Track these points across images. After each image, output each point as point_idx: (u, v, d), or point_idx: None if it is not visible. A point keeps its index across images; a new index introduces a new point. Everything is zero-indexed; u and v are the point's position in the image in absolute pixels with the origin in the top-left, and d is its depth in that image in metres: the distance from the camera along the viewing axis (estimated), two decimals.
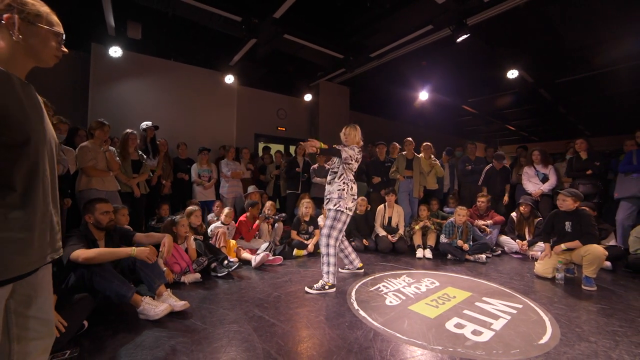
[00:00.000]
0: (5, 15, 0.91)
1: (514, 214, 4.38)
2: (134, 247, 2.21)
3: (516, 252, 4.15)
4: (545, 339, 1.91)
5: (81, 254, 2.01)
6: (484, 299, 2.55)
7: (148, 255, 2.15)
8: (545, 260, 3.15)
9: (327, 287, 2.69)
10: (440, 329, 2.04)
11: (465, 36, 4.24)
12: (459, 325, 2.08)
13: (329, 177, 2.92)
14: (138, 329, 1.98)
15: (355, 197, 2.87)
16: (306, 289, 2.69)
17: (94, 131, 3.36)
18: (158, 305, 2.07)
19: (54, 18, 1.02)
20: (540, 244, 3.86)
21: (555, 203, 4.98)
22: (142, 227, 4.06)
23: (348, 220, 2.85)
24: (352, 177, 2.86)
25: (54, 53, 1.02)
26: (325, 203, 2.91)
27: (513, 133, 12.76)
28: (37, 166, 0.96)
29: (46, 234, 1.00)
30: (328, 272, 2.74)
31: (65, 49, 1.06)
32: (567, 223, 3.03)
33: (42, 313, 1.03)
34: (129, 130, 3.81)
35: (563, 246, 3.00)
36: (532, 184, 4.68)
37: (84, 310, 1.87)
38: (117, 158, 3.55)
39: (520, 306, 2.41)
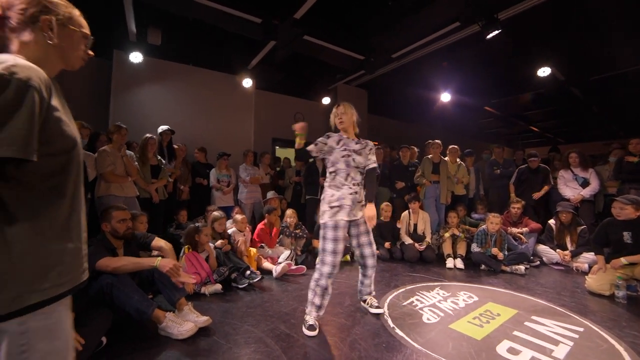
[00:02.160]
0: (43, 17, 0.86)
1: (552, 222, 4.05)
2: (158, 258, 2.08)
3: (557, 263, 3.82)
4: None
5: (110, 263, 1.96)
6: (534, 318, 2.28)
7: (170, 270, 2.00)
8: (600, 274, 2.82)
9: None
10: (491, 353, 1.80)
11: (496, 32, 3.99)
12: (512, 351, 1.83)
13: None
14: (158, 346, 1.83)
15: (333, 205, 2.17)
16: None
17: (112, 135, 3.32)
18: (182, 324, 1.93)
19: (84, 21, 0.97)
20: (586, 255, 3.53)
21: (597, 210, 4.64)
22: (160, 234, 3.98)
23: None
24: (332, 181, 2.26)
25: (82, 56, 0.98)
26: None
27: (537, 135, 12.22)
28: (79, 176, 0.92)
29: (83, 245, 0.96)
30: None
31: (91, 52, 1.01)
32: (625, 234, 2.72)
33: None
34: (148, 135, 3.75)
35: (624, 260, 2.67)
36: (570, 189, 4.35)
37: (102, 326, 1.75)
38: (136, 163, 3.48)
39: (581, 329, 2.12)
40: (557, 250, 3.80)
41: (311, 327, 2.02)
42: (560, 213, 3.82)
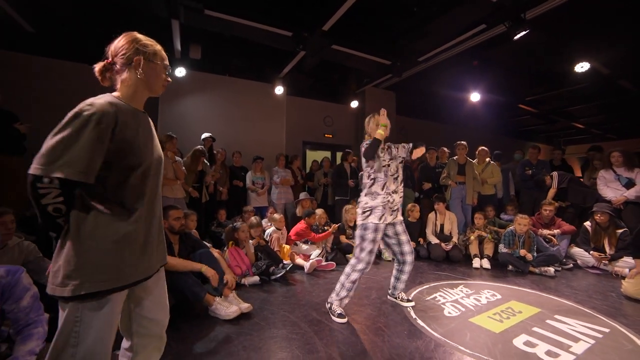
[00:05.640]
0: (135, 58, 1.09)
1: (587, 224, 3.93)
2: (203, 265, 2.45)
3: (593, 267, 3.71)
4: None
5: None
6: (557, 317, 2.34)
7: (212, 277, 2.40)
8: (638, 278, 2.75)
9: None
10: (508, 345, 1.92)
11: (524, 32, 3.96)
12: (529, 344, 1.94)
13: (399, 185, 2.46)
14: (210, 325, 2.18)
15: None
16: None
17: (164, 144, 3.80)
18: (229, 307, 2.27)
19: (164, 54, 1.18)
20: (628, 259, 3.40)
21: None
22: (202, 231, 4.42)
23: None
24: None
25: (163, 83, 1.19)
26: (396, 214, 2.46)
27: (581, 131, 11.42)
28: (145, 186, 1.10)
29: (153, 245, 1.14)
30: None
31: (169, 79, 1.21)
32: None
33: (149, 313, 1.18)
34: (200, 148, 4.24)
35: None
36: (612, 190, 4.14)
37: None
38: (183, 168, 3.95)
39: (607, 330, 2.14)
40: (591, 252, 3.69)
41: (340, 315, 2.26)
42: (596, 214, 3.71)
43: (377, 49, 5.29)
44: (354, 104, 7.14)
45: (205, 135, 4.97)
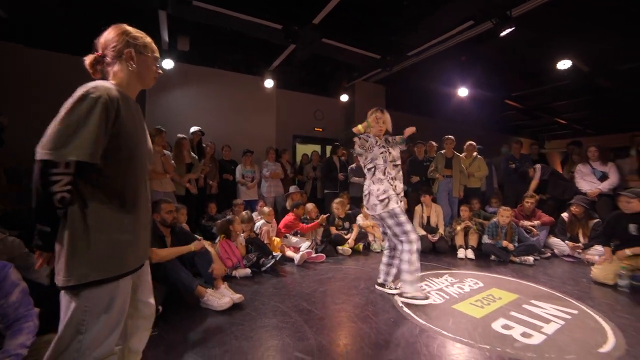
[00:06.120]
0: (126, 50, 1.10)
1: (565, 215, 4.13)
2: (191, 245, 2.61)
3: (568, 255, 3.92)
4: (606, 348, 1.83)
5: (158, 253, 2.33)
6: (533, 301, 2.48)
7: (199, 246, 2.62)
8: (605, 265, 2.94)
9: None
10: (487, 329, 2.04)
11: (510, 29, 4.06)
12: (506, 327, 2.07)
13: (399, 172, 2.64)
14: (202, 316, 2.23)
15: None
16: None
17: (153, 138, 3.76)
18: (221, 298, 2.32)
19: (154, 46, 1.20)
20: (598, 248, 3.60)
21: (617, 204, 4.61)
22: (193, 225, 4.41)
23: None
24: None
25: (154, 75, 1.21)
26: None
27: (564, 127, 11.80)
28: (142, 177, 1.15)
29: (147, 234, 1.22)
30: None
31: (160, 70, 1.23)
32: (631, 226, 2.82)
33: (143, 297, 1.27)
34: (180, 135, 4.17)
35: (628, 252, 2.80)
36: (587, 183, 4.36)
37: (158, 296, 2.15)
38: (172, 161, 3.92)
39: (576, 312, 2.31)
40: (566, 242, 3.89)
41: (423, 298, 2.39)
42: (572, 206, 3.91)
43: (367, 43, 5.32)
44: (344, 97, 7.15)
45: (194, 129, 4.94)
